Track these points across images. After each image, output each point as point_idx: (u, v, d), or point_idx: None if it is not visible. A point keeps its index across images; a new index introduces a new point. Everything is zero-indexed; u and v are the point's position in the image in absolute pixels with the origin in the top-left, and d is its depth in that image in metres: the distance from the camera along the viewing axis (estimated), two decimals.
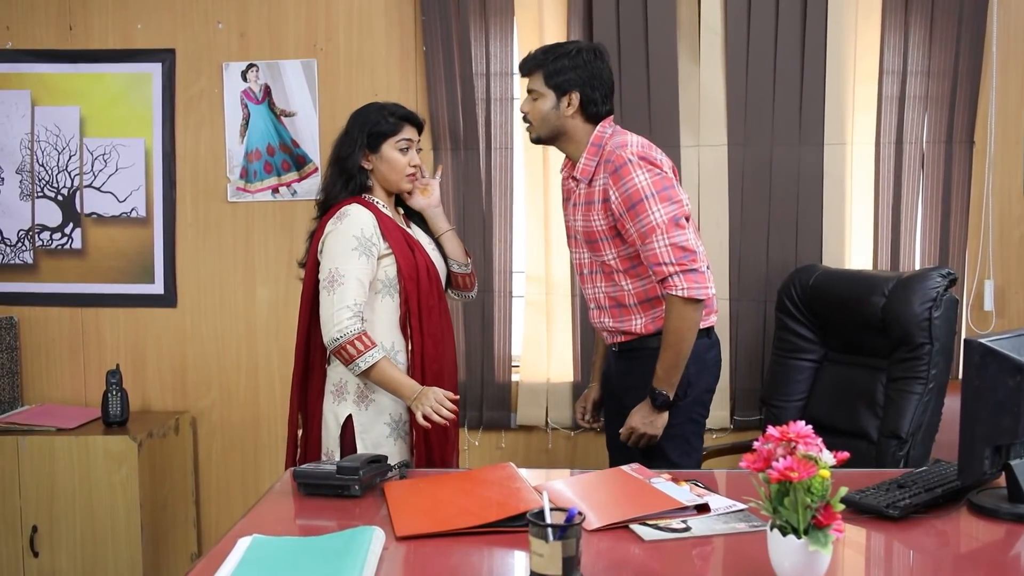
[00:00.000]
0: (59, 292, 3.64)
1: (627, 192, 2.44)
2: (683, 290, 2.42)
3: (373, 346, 2.40)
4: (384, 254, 2.50)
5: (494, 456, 3.55)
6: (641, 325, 2.58)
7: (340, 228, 2.46)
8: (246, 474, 3.67)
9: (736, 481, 2.17)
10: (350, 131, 2.58)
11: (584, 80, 2.53)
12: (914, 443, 2.77)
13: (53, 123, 3.58)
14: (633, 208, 2.44)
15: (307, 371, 2.60)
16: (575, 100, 2.53)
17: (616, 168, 2.46)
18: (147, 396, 3.66)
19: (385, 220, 2.53)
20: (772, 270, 3.37)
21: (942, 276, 2.82)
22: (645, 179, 2.44)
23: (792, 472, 1.46)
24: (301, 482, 2.07)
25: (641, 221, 2.43)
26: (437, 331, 2.56)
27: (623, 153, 2.47)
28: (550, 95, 2.55)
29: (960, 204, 3.36)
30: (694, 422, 2.61)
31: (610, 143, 2.53)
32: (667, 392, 2.49)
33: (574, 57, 2.53)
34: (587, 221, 2.57)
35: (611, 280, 2.60)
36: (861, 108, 3.36)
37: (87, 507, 3.25)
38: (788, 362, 3.16)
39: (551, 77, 2.54)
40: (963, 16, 3.28)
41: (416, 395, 2.39)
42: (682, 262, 2.42)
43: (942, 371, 2.80)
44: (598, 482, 2.11)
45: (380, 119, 2.55)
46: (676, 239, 2.42)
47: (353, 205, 2.50)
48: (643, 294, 2.56)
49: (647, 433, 2.52)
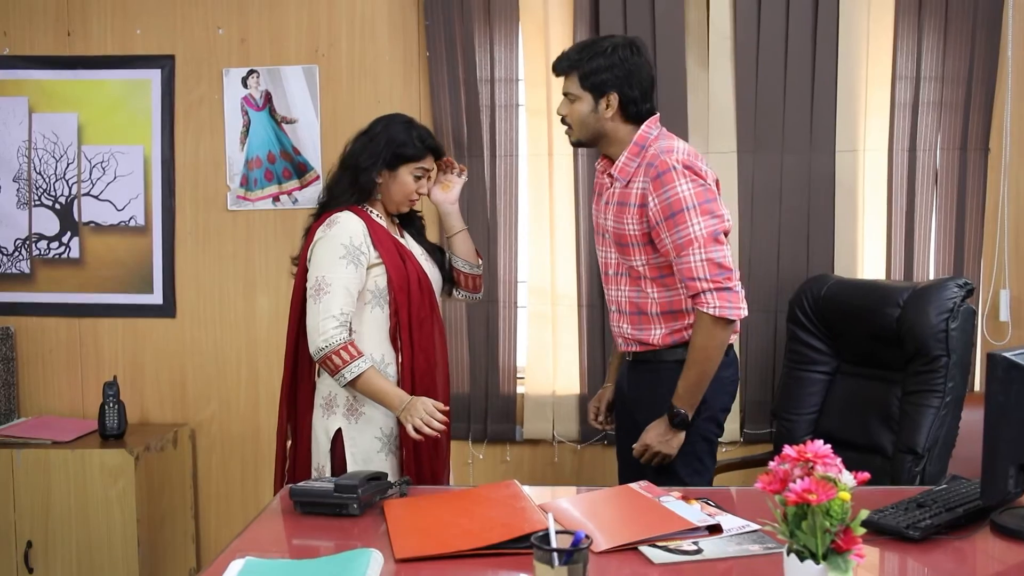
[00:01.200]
0: (56, 302, 3.58)
1: (668, 200, 2.36)
2: (715, 308, 2.34)
3: (359, 356, 2.35)
4: (374, 263, 2.44)
5: (498, 470, 3.48)
6: (659, 336, 2.50)
7: (329, 235, 2.41)
8: (246, 487, 3.60)
9: (748, 499, 2.09)
10: (376, 142, 2.50)
11: (622, 79, 2.43)
12: (930, 458, 2.69)
13: (51, 130, 3.53)
14: (672, 217, 2.36)
15: (295, 382, 2.55)
16: (614, 101, 2.44)
17: (659, 174, 2.37)
18: (145, 408, 3.60)
19: (376, 228, 2.47)
20: (783, 280, 3.30)
21: (959, 286, 2.74)
22: (688, 189, 2.35)
23: (810, 494, 1.39)
24: (297, 500, 2.00)
25: (679, 232, 2.35)
26: (429, 344, 2.51)
27: (668, 159, 2.38)
28: (587, 97, 2.46)
29: (975, 212, 3.28)
30: (707, 440, 2.54)
31: (655, 146, 2.44)
32: (686, 411, 2.42)
33: (609, 55, 2.43)
34: (619, 223, 2.48)
35: (637, 285, 2.52)
36: (873, 114, 3.29)
37: (83, 522, 3.19)
38: (800, 374, 3.09)
39: (587, 78, 2.44)
40: (977, 20, 3.21)
41: (405, 406, 2.33)
42: (717, 279, 2.34)
43: (959, 384, 2.73)
44: (605, 501, 2.04)
45: (409, 141, 2.49)
46: (713, 254, 2.34)
47: (344, 213, 2.45)
48: (667, 304, 2.48)
49: (661, 452, 2.45)
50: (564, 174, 3.38)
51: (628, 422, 2.61)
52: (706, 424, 2.51)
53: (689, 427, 2.45)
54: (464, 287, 2.76)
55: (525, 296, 3.44)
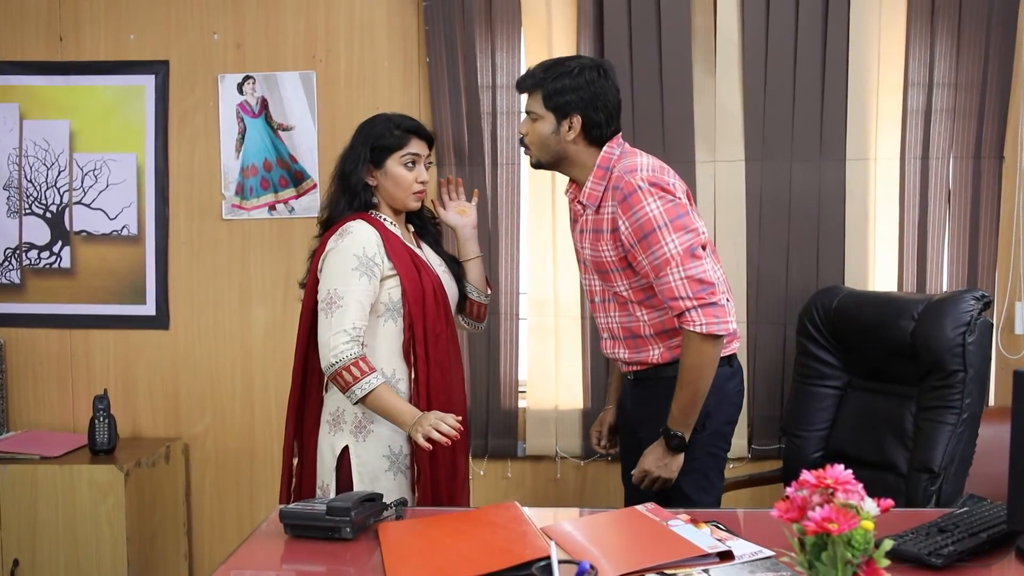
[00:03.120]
0: (47, 313, 3.50)
1: (638, 222, 2.27)
2: (702, 326, 2.26)
3: (372, 371, 2.26)
4: (388, 275, 2.35)
5: (500, 486, 3.39)
6: (658, 355, 2.42)
7: (341, 246, 2.32)
8: (241, 504, 3.51)
9: (760, 522, 2.00)
10: (354, 145, 2.44)
11: (586, 102, 2.34)
12: (947, 477, 2.60)
13: (42, 137, 3.45)
14: (645, 239, 2.27)
15: (303, 398, 2.47)
16: (576, 124, 2.35)
17: (625, 196, 2.29)
18: (138, 422, 3.51)
19: (391, 238, 2.39)
20: (792, 292, 3.21)
21: (976, 299, 2.65)
22: (658, 207, 2.27)
23: (831, 523, 1.30)
24: (288, 523, 1.91)
25: (654, 253, 2.27)
26: (445, 359, 2.41)
27: (632, 179, 2.29)
28: (549, 117, 2.36)
29: (989, 222, 3.20)
30: (713, 456, 2.45)
31: (618, 167, 2.35)
32: (683, 433, 2.34)
33: (575, 76, 2.33)
34: (595, 251, 2.40)
35: (625, 310, 2.43)
36: (885, 121, 3.20)
37: (71, 540, 3.09)
38: (810, 389, 3.00)
39: (550, 98, 2.35)
40: (992, 25, 3.13)
41: (415, 421, 2.22)
42: (700, 296, 2.26)
43: (976, 400, 2.64)
44: (611, 524, 1.95)
45: (384, 132, 2.41)
46: (692, 271, 2.26)
47: (356, 221, 2.36)
48: (660, 325, 2.40)
49: (661, 476, 2.37)
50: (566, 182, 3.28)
51: (632, 441, 2.53)
52: (711, 439, 2.43)
53: (694, 443, 2.37)
54: (470, 315, 2.68)
55: (526, 308, 3.36)
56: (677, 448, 2.34)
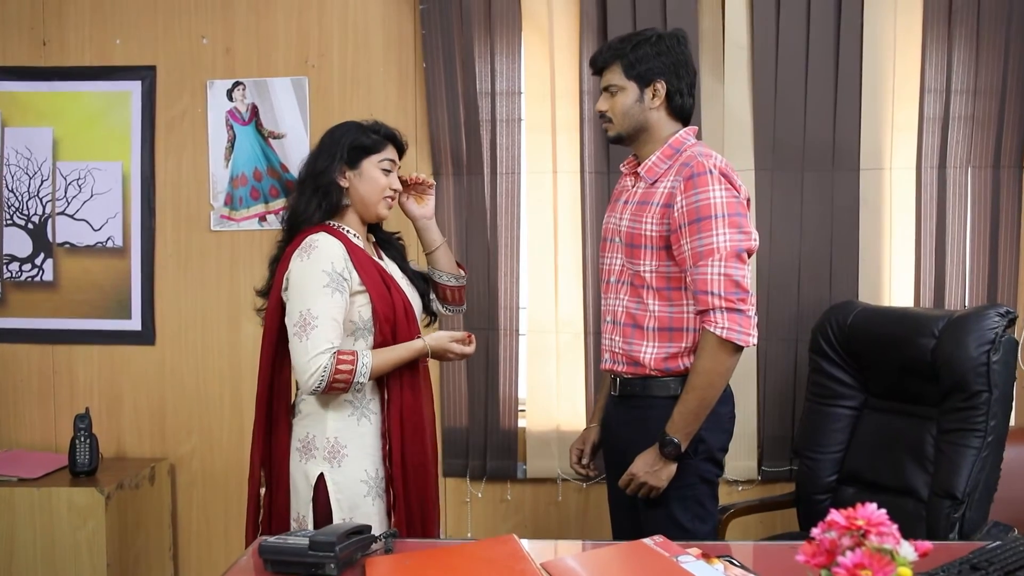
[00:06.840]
0: (28, 328, 3.38)
1: (697, 203, 2.20)
2: (723, 329, 2.17)
3: (355, 355, 2.18)
4: (357, 290, 2.24)
5: (498, 509, 3.26)
6: (650, 356, 2.30)
7: (308, 263, 2.20)
8: (229, 527, 3.37)
9: (773, 556, 1.86)
10: (325, 147, 2.34)
11: (669, 68, 2.32)
12: (970, 504, 2.46)
13: (24, 145, 3.35)
14: (698, 223, 2.19)
15: (270, 424, 2.34)
16: (661, 90, 2.32)
17: (694, 175, 2.22)
18: (122, 441, 3.39)
19: (357, 253, 2.27)
20: (804, 307, 3.09)
21: (1000, 315, 2.52)
22: (721, 196, 2.20)
23: (863, 571, 1.17)
24: (267, 559, 1.77)
25: (702, 239, 2.18)
26: (416, 378, 2.32)
27: (706, 162, 2.23)
28: (632, 87, 2.33)
29: (1010, 234, 3.08)
30: (707, 482, 2.34)
31: (691, 149, 2.31)
32: (679, 441, 2.22)
33: (656, 44, 2.32)
34: (635, 221, 2.31)
35: (637, 295, 2.33)
36: (901, 130, 3.09)
37: (49, 565, 2.96)
38: (823, 409, 2.87)
39: (632, 67, 2.31)
40: (1011, 28, 3.01)
41: (432, 349, 2.30)
42: (731, 298, 2.17)
43: (1001, 422, 2.50)
44: (617, 560, 1.80)
45: (362, 134, 2.33)
46: (732, 271, 2.18)
47: (320, 235, 2.25)
48: (666, 320, 2.29)
49: (648, 483, 2.25)
50: (568, 193, 3.18)
51: (617, 460, 2.41)
52: (704, 464, 2.32)
53: (685, 468, 2.27)
54: (451, 301, 2.60)
55: (526, 323, 3.23)
56: (670, 456, 2.24)
